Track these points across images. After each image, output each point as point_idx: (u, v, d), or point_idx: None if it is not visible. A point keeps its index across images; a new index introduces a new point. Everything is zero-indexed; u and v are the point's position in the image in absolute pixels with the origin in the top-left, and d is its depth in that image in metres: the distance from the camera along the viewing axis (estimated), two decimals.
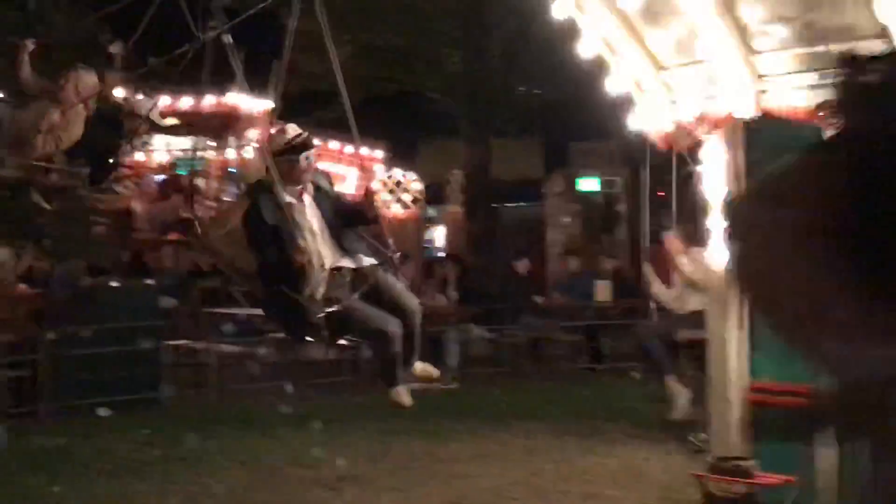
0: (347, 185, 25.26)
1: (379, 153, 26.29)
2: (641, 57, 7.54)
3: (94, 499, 9.07)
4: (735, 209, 2.17)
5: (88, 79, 14.81)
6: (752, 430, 7.54)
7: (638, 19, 7.40)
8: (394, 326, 7.24)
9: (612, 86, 7.88)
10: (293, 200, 7.28)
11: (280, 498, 9.13)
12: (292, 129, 7.49)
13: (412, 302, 7.61)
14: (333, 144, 25.19)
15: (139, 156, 20.67)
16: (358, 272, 7.37)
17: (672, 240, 11.45)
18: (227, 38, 7.90)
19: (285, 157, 7.34)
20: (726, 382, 7.61)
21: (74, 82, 14.77)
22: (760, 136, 7.34)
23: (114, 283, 14.24)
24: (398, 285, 7.68)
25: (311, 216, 7.38)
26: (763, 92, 7.16)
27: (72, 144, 15.13)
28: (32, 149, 14.64)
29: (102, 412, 12.57)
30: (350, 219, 7.60)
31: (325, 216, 7.42)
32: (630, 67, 7.63)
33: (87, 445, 11.21)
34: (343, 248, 7.40)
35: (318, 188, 7.52)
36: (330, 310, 7.10)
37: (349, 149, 25.50)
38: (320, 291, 7.19)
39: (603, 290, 16.82)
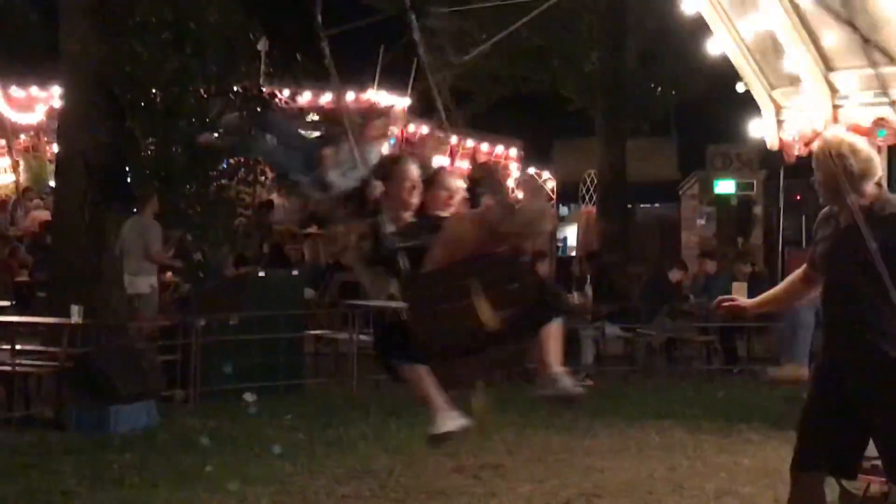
0: None
1: (514, 151, 26.53)
2: (805, 55, 7.23)
3: (246, 478, 9.35)
4: None
5: None
6: None
7: (814, 15, 7.08)
8: None
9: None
10: None
11: (424, 483, 9.35)
12: None
13: None
14: (469, 142, 25.48)
15: None
16: None
17: None
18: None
19: None
20: None
21: None
22: None
23: (261, 273, 14.62)
24: None
25: None
26: None
27: None
28: None
29: (248, 397, 13.00)
30: None
31: None
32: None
33: (236, 428, 11.60)
34: None
35: None
36: None
37: (484, 146, 25.84)
38: None
39: (739, 292, 16.76)
